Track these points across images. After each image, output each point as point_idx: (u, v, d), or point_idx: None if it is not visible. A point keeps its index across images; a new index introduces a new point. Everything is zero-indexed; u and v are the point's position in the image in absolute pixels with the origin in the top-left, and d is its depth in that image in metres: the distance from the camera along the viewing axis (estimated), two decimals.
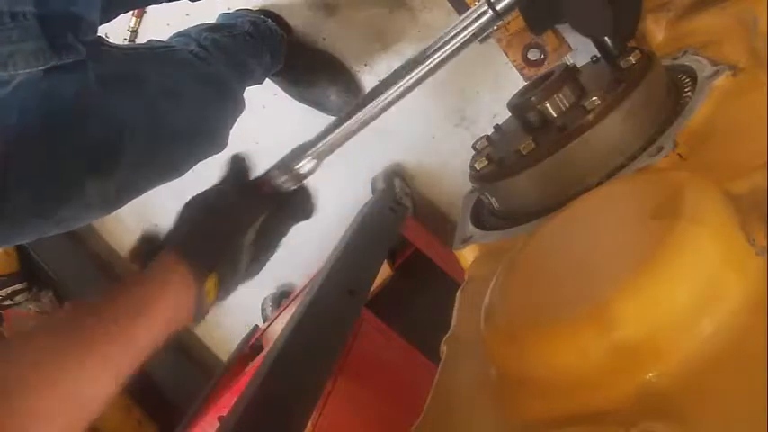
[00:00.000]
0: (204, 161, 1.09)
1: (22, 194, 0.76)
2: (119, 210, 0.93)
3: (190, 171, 1.14)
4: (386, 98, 0.70)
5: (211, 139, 1.12)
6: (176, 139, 0.99)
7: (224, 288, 0.66)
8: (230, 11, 1.48)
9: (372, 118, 0.71)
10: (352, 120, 0.71)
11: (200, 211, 0.69)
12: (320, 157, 0.73)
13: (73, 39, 0.76)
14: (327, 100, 1.53)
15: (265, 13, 1.50)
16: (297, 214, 0.76)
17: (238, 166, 0.75)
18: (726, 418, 0.33)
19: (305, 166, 0.73)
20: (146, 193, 0.97)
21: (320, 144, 0.72)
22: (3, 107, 0.72)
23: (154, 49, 1.06)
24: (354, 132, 0.72)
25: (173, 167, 1.03)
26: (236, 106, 1.19)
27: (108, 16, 0.92)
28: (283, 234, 0.76)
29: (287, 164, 0.74)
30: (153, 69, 0.99)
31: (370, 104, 0.71)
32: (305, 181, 0.76)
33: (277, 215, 0.73)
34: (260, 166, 0.77)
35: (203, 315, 0.63)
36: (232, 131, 1.18)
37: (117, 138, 0.84)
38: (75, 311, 0.57)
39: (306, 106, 1.57)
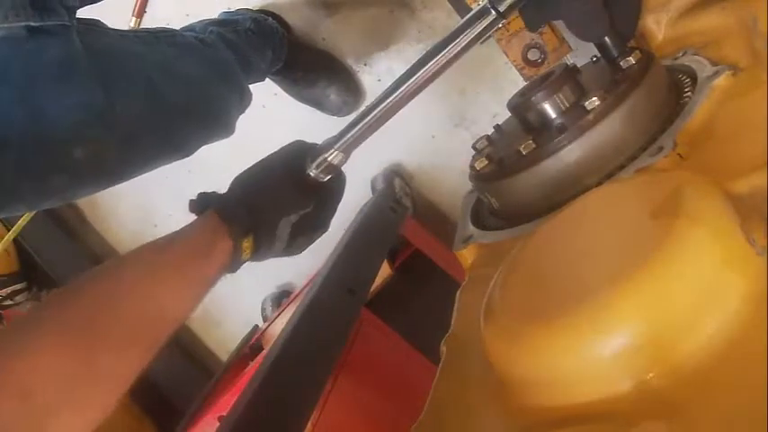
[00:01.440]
0: (204, 162, 1.09)
1: (7, 152, 0.77)
2: (118, 210, 0.93)
3: (187, 172, 1.14)
4: (409, 87, 0.70)
5: (216, 121, 1.12)
6: (176, 114, 1.00)
7: (258, 253, 0.73)
8: (230, 10, 1.48)
9: (397, 109, 0.72)
10: (375, 112, 0.72)
11: (250, 185, 0.74)
12: (348, 150, 0.75)
13: (54, 2, 0.78)
14: (327, 99, 1.53)
15: (265, 12, 1.50)
16: (335, 205, 0.80)
17: (297, 154, 0.77)
18: (726, 418, 0.33)
19: (335, 158, 0.75)
20: (145, 193, 0.97)
21: (347, 137, 0.74)
22: None
23: (155, 32, 1.07)
24: (379, 124, 0.73)
25: (176, 145, 1.03)
26: (243, 95, 1.20)
27: None
28: (323, 226, 0.80)
29: (320, 154, 0.76)
30: (150, 47, 1.00)
31: (393, 96, 0.71)
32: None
33: (320, 211, 0.77)
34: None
35: (237, 267, 0.71)
36: None
37: (106, 105, 0.86)
38: (136, 254, 0.65)
39: (306, 106, 1.57)
